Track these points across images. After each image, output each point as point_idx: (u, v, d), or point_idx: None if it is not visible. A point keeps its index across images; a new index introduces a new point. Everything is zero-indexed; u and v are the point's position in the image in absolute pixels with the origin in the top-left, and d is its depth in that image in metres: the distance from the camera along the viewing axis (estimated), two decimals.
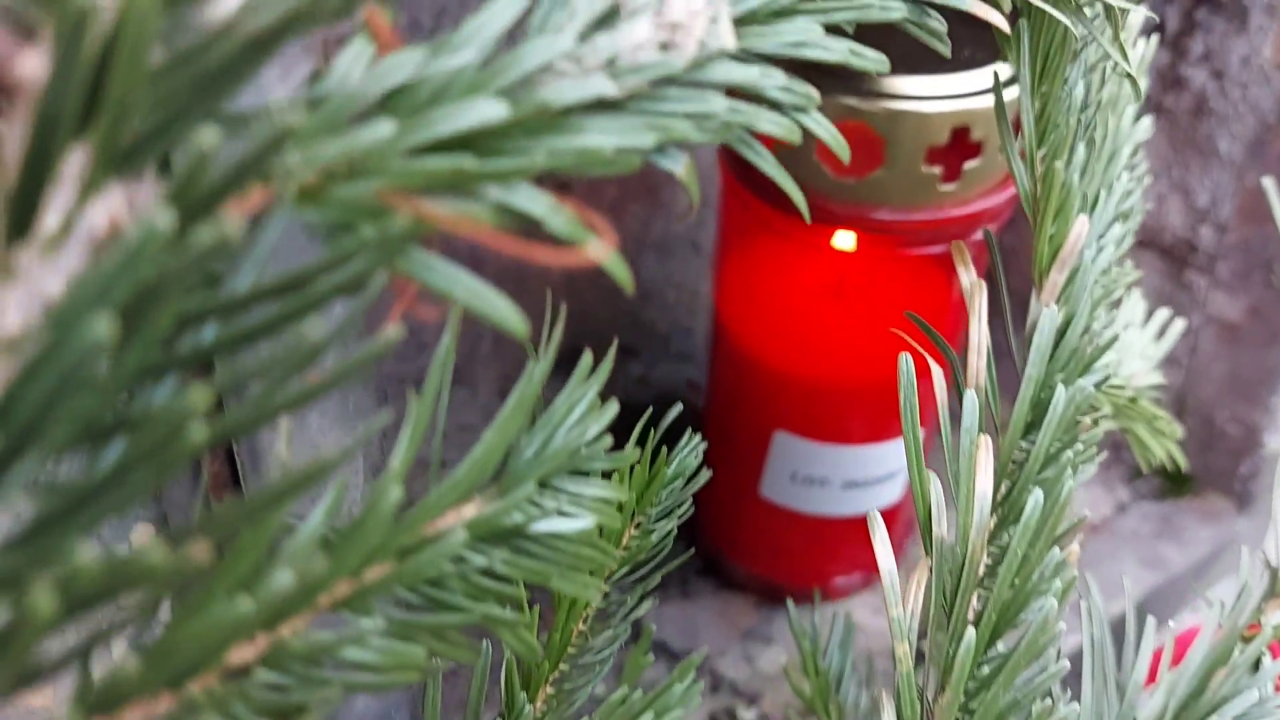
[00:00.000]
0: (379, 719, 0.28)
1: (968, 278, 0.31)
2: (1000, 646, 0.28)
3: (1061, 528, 0.29)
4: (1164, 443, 0.37)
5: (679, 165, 0.20)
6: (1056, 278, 0.31)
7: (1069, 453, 0.28)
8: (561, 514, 0.20)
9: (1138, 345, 0.37)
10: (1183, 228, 0.56)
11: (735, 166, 0.47)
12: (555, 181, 0.57)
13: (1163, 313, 0.39)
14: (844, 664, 0.41)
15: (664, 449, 0.32)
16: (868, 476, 0.52)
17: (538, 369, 0.21)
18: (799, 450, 0.52)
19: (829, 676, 0.39)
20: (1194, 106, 0.54)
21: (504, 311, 0.17)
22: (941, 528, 0.27)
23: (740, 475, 0.54)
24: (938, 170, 0.42)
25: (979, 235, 0.45)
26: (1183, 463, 0.38)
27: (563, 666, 0.31)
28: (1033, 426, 0.30)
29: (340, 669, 0.18)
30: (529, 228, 0.18)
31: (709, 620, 0.57)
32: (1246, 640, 0.35)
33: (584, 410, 0.22)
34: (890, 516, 0.54)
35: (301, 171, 0.16)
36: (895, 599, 0.26)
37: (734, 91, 0.20)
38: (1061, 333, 0.30)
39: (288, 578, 0.16)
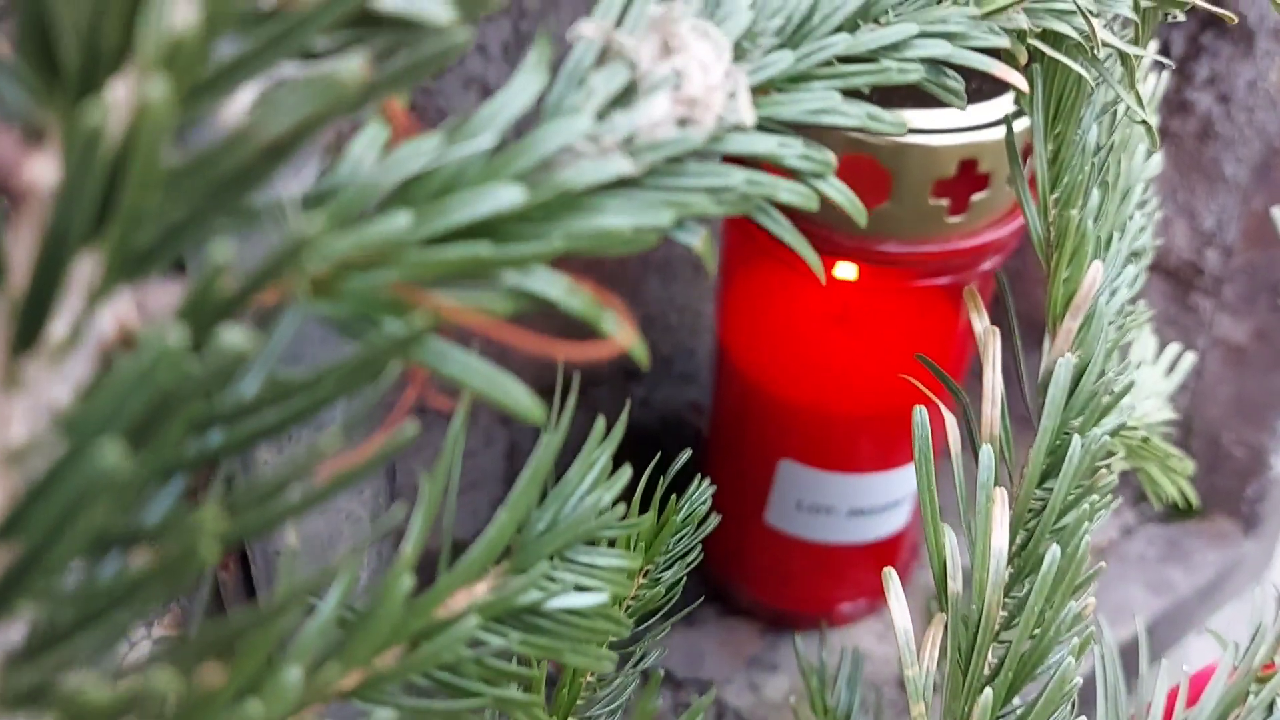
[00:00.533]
0: None
1: (981, 324, 0.30)
2: (1016, 700, 0.28)
3: (1079, 579, 0.28)
4: (1175, 479, 0.37)
5: (697, 239, 0.20)
6: (1070, 324, 0.30)
7: (1085, 504, 0.28)
8: (577, 588, 0.20)
9: (1149, 383, 0.37)
10: (1188, 251, 0.56)
11: None
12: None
13: (1173, 348, 0.39)
14: (852, 701, 0.41)
15: (673, 498, 0.32)
16: (873, 504, 0.52)
17: (551, 440, 0.21)
18: (804, 478, 0.51)
19: (837, 714, 0.39)
20: (1200, 130, 0.54)
21: (520, 399, 0.17)
22: (957, 583, 0.27)
23: (745, 503, 0.54)
24: (945, 203, 0.42)
25: (986, 266, 0.45)
26: (1194, 499, 0.38)
27: (571, 717, 0.31)
28: (1049, 475, 0.29)
29: None
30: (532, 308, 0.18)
31: (713, 648, 0.56)
32: (1261, 681, 0.35)
33: (596, 477, 0.22)
34: (895, 543, 0.53)
35: (316, 267, 0.15)
36: (911, 658, 0.26)
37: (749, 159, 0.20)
38: (1076, 380, 0.30)
39: (296, 676, 0.15)
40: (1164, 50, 0.54)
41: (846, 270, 0.47)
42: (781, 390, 0.50)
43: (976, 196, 0.42)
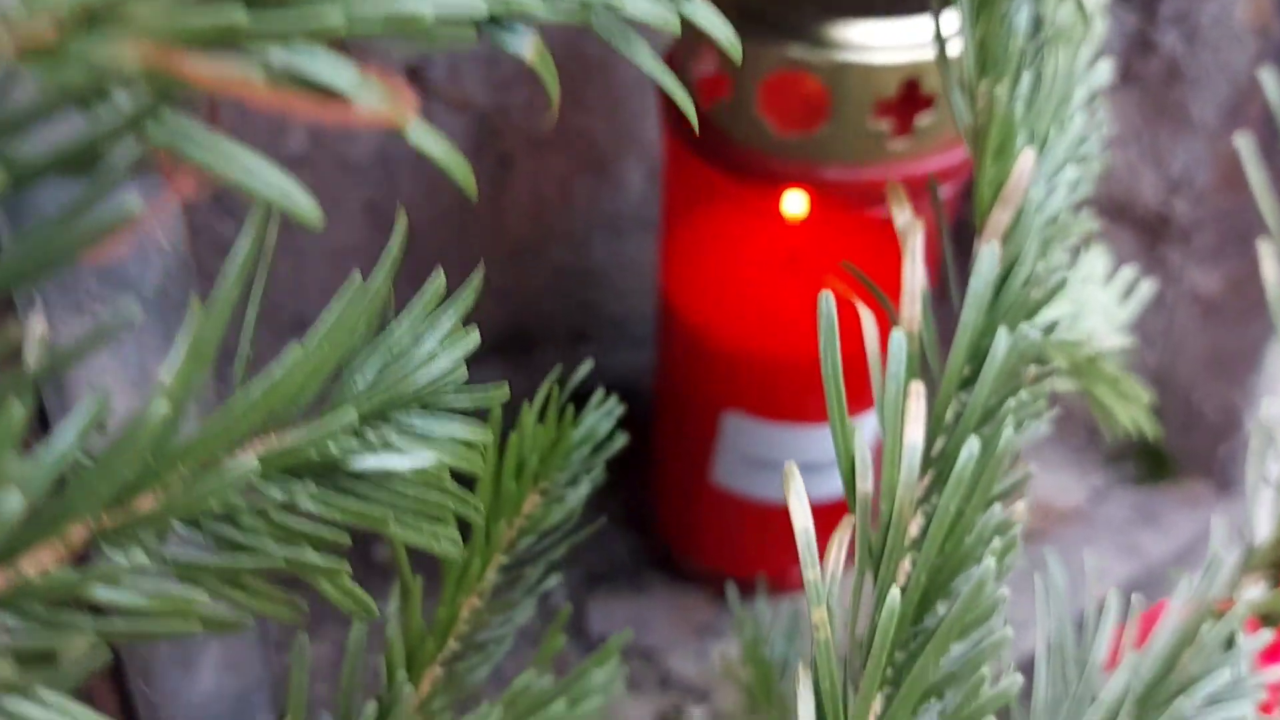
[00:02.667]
0: (234, 699, 0.25)
1: (902, 216, 0.28)
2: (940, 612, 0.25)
3: (1003, 485, 0.26)
4: (1129, 409, 0.34)
5: (526, 47, 0.17)
6: (999, 216, 0.28)
7: (1011, 401, 0.25)
8: (394, 450, 0.18)
9: (1099, 302, 0.34)
10: (1156, 199, 0.54)
11: (679, 130, 0.44)
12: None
13: (1128, 271, 0.37)
14: (789, 654, 0.38)
15: (570, 409, 0.29)
16: (826, 458, 0.49)
17: (378, 275, 0.18)
18: (751, 432, 0.49)
19: (771, 666, 0.36)
20: (1165, 71, 0.52)
21: (289, 195, 0.15)
22: (867, 484, 0.24)
23: (691, 461, 0.52)
24: (887, 125, 0.40)
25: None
26: (1151, 431, 0.35)
27: (454, 645, 0.28)
28: (971, 380, 0.27)
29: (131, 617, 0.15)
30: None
31: (660, 615, 0.54)
32: (1218, 617, 0.32)
33: (442, 337, 0.20)
34: None
35: (27, 20, 0.13)
36: (811, 560, 0.23)
37: None
38: (1005, 276, 0.27)
39: (16, 502, 0.13)
40: None
41: (796, 204, 0.44)
42: (727, 338, 0.48)
43: (922, 119, 0.40)
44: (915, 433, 0.25)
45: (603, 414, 0.30)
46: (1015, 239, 0.28)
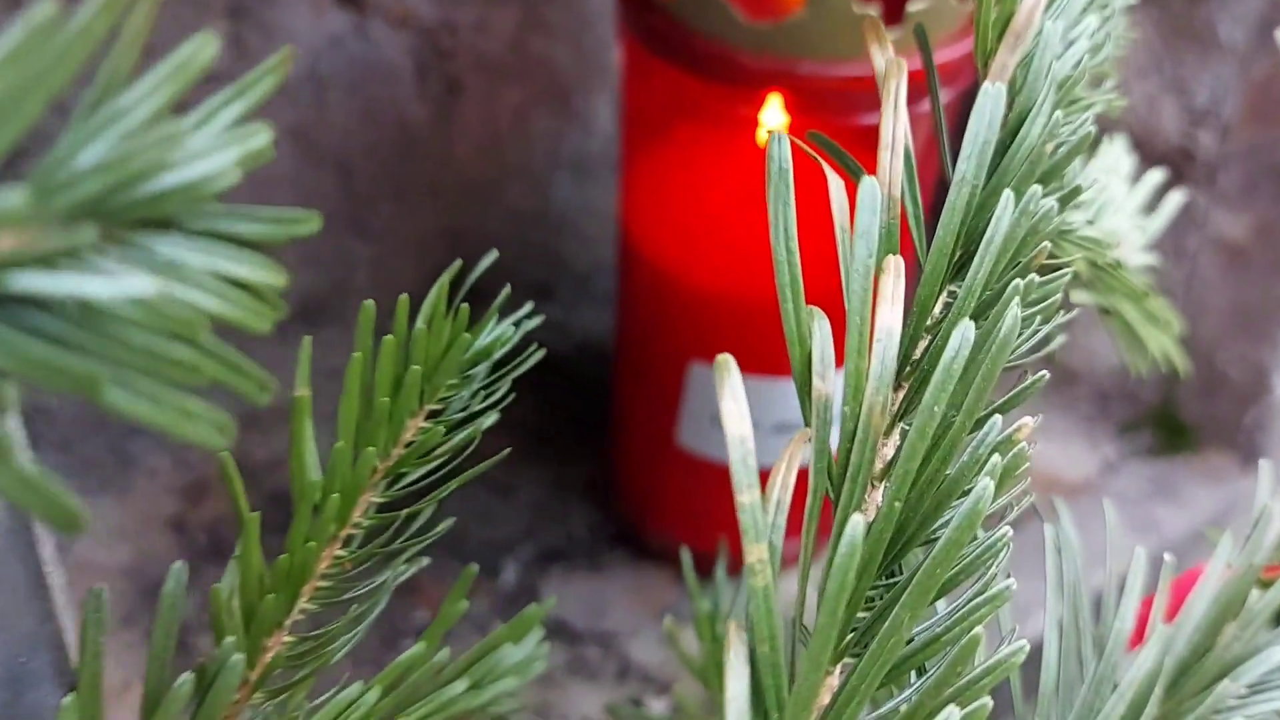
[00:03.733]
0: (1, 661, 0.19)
1: (882, 57, 0.22)
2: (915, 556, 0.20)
3: (1004, 396, 0.20)
4: (1158, 336, 0.28)
5: None
6: (1006, 59, 0.22)
7: (1019, 282, 0.19)
8: (97, 272, 0.12)
9: (1123, 202, 0.29)
10: (1177, 133, 0.48)
11: (636, 25, 0.38)
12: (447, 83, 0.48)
13: (1155, 173, 0.31)
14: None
15: (466, 308, 0.24)
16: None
17: None
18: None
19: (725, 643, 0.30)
20: None
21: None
22: (826, 384, 0.19)
23: (655, 421, 0.46)
24: (874, 10, 0.34)
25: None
26: (1181, 367, 0.30)
27: (308, 605, 0.22)
28: (965, 265, 0.21)
29: None
30: None
31: (620, 596, 0.48)
32: (1265, 585, 0.27)
33: (226, 126, 0.14)
34: None
35: None
36: (747, 479, 0.17)
37: None
38: (1013, 131, 0.22)
39: None
40: None
41: (769, 113, 0.39)
42: (694, 277, 0.42)
43: (914, 4, 0.34)
44: (891, 316, 0.19)
45: (513, 321, 0.24)
46: (1026, 89, 0.22)
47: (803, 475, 0.19)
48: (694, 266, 0.42)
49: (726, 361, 0.18)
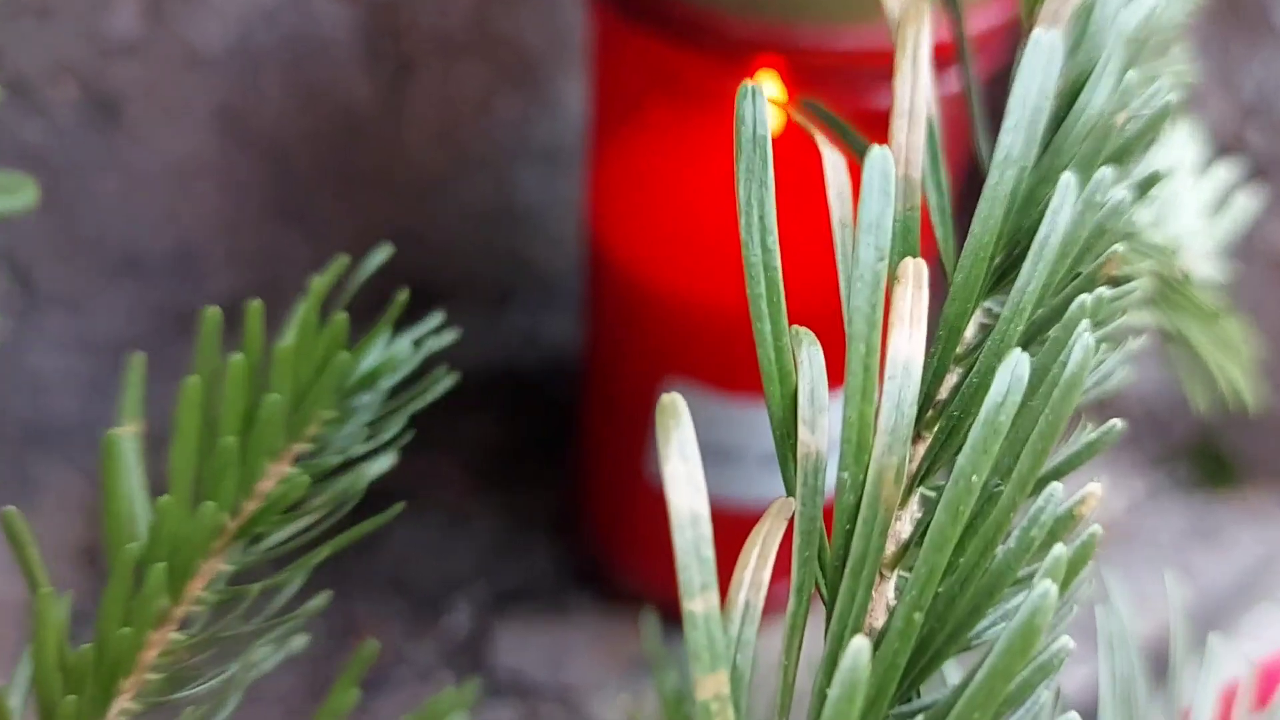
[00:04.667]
0: None
1: (897, 6, 0.17)
2: (947, 680, 0.14)
3: (1066, 449, 0.15)
4: (1229, 366, 0.23)
5: None
6: (1057, 6, 0.17)
7: (1085, 298, 0.14)
8: None
9: (1190, 200, 0.23)
10: (1224, 130, 0.42)
11: None
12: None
13: (1223, 169, 0.25)
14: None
15: (343, 319, 0.18)
16: None
17: None
18: (700, 409, 0.38)
19: None
20: None
21: None
22: (816, 435, 0.13)
23: (623, 449, 0.40)
24: None
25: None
26: (1251, 402, 0.24)
27: (130, 705, 0.17)
28: (1009, 273, 0.16)
29: None
30: None
31: (585, 645, 0.42)
32: None
33: None
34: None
35: None
36: (700, 578, 0.12)
37: None
38: (1071, 98, 0.16)
39: None
40: None
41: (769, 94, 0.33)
42: (669, 283, 0.37)
43: None
44: (909, 343, 0.13)
45: (421, 333, 0.19)
46: (1086, 45, 0.17)
47: (784, 554, 0.13)
48: (670, 269, 0.37)
49: (673, 405, 0.13)
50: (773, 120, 0.34)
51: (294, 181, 0.44)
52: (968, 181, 0.21)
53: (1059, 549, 0.12)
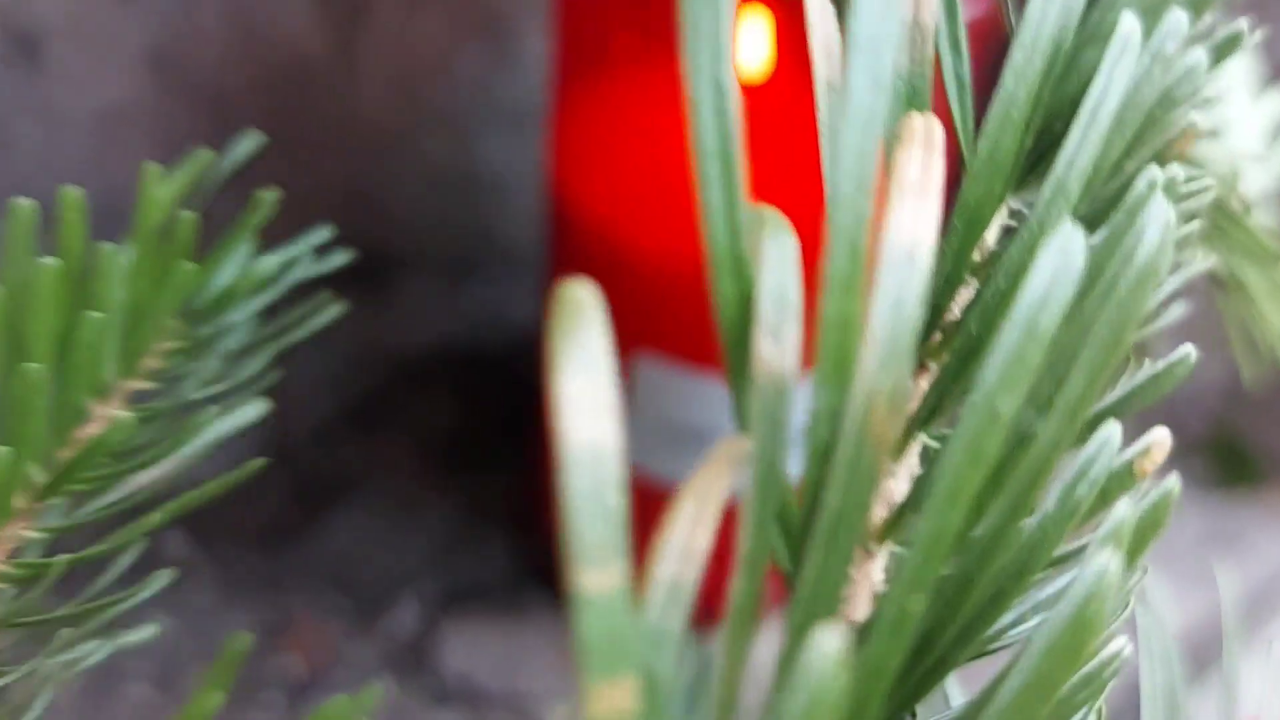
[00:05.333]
0: None
1: None
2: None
3: (1130, 380, 0.11)
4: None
5: None
6: None
7: (1156, 172, 0.10)
8: None
9: (1247, 126, 0.19)
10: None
11: None
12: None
13: None
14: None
15: (190, 219, 0.14)
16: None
17: None
18: (674, 386, 0.34)
19: None
20: None
21: None
22: (779, 348, 0.09)
23: None
24: None
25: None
26: None
27: None
28: (1043, 160, 0.12)
29: None
30: None
31: (541, 648, 0.39)
32: None
33: None
34: None
35: None
36: (597, 537, 0.08)
37: None
38: None
39: None
40: None
41: (749, 34, 0.30)
42: (639, 245, 0.33)
43: None
44: (915, 224, 0.10)
45: (283, 255, 0.15)
46: None
47: (729, 522, 0.10)
48: (638, 229, 0.33)
49: (577, 298, 0.09)
50: (759, 44, 0.30)
51: (234, 133, 0.40)
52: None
53: (1124, 507, 0.09)
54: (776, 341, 0.09)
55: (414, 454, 0.43)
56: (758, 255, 0.10)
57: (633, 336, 0.34)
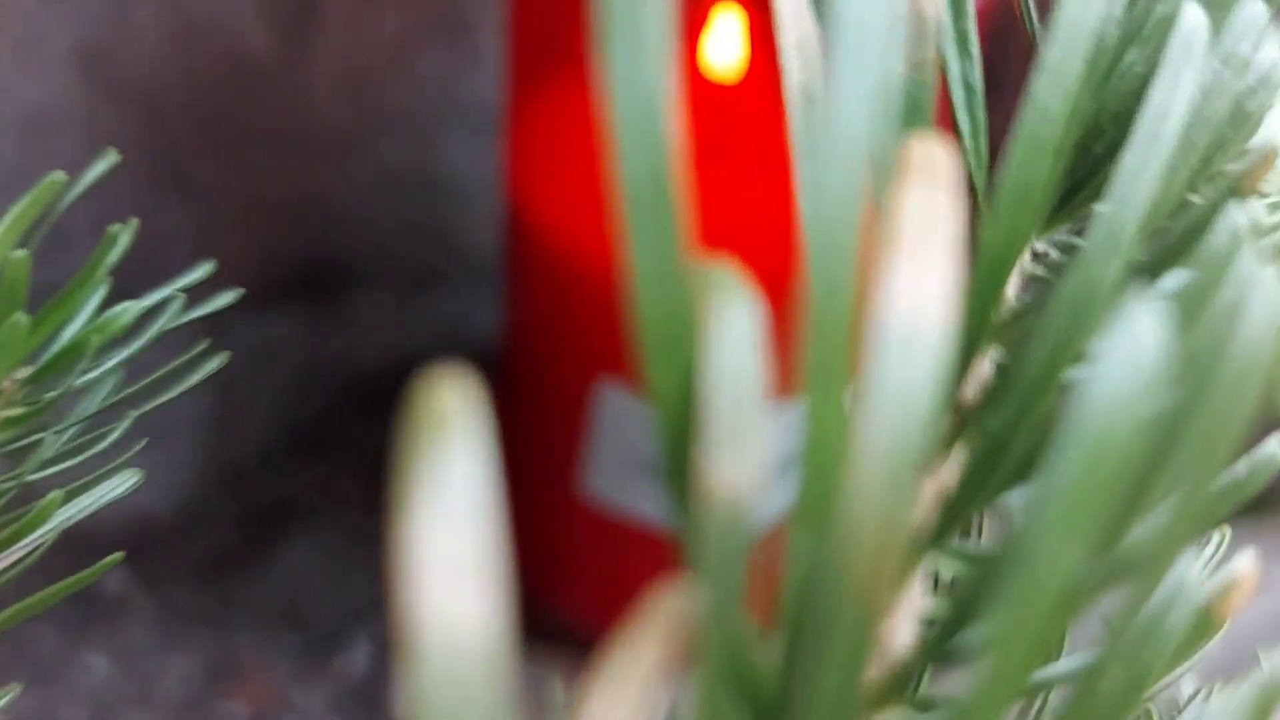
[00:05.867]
0: None
1: None
2: None
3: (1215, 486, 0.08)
4: None
5: None
6: None
7: (1238, 215, 0.08)
8: None
9: None
10: None
11: None
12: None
13: None
14: None
15: (26, 258, 0.12)
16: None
17: None
18: (640, 412, 0.31)
19: None
20: None
21: None
22: (734, 461, 0.07)
23: (553, 460, 0.34)
24: None
25: None
26: None
27: None
28: (1079, 192, 0.09)
29: None
30: None
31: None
32: None
33: None
34: None
35: None
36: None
37: None
38: None
39: None
40: None
41: (722, 38, 0.27)
42: (602, 258, 0.30)
43: None
44: (918, 289, 0.07)
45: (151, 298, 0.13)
46: None
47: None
48: (602, 241, 0.31)
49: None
50: (731, 49, 0.28)
51: (172, 137, 0.37)
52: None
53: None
54: (731, 453, 0.07)
55: (367, 481, 0.40)
56: (706, 333, 0.07)
57: (593, 359, 0.32)
